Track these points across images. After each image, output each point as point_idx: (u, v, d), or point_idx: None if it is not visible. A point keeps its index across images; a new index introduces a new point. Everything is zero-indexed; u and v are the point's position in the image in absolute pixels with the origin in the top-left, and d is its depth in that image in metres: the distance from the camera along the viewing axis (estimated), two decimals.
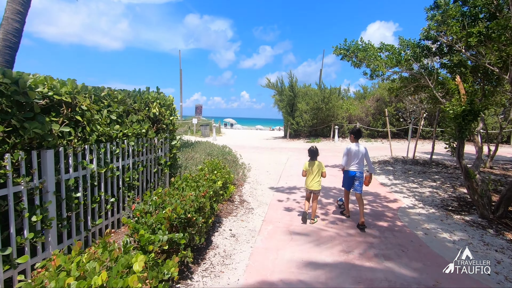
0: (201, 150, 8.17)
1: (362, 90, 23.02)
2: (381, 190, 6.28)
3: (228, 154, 7.40)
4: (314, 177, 4.20)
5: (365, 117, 18.84)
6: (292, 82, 18.79)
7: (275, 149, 14.24)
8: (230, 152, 8.09)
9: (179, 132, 19.43)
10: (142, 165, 4.56)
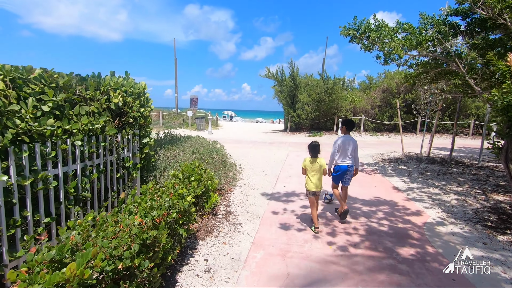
0: (188, 146, 7.15)
1: (367, 81, 21.77)
2: (396, 196, 5.25)
3: (216, 152, 6.36)
4: (313, 176, 3.69)
5: (370, 109, 17.68)
6: (293, 72, 17.59)
7: (274, 143, 13.19)
8: (220, 150, 7.04)
9: (173, 125, 18.37)
10: (97, 170, 3.55)
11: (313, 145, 3.77)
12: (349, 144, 4.03)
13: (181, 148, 6.76)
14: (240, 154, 9.72)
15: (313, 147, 3.76)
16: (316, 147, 3.76)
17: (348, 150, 4.04)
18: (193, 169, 3.94)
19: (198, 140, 8.17)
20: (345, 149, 4.03)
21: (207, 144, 7.79)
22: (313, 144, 3.78)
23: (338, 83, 16.99)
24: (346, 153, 4.04)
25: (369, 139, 15.93)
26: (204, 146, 7.21)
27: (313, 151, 3.76)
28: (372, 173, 7.22)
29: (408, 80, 7.10)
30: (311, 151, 3.77)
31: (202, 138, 9.09)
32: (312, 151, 3.76)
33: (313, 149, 3.76)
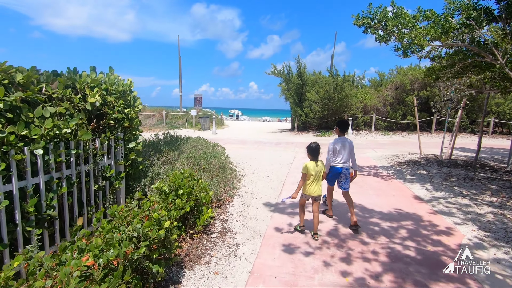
0: (187, 149, 6.59)
1: (378, 78, 20.85)
2: (420, 208, 4.56)
3: (214, 156, 5.76)
4: (315, 181, 3.43)
5: (382, 107, 16.81)
6: (301, 68, 16.86)
7: (280, 144, 12.55)
8: (220, 154, 6.45)
9: (177, 125, 17.91)
10: (67, 183, 3.01)
11: (313, 147, 3.46)
12: (343, 146, 3.87)
13: (179, 152, 6.21)
14: (243, 156, 9.13)
15: (314, 150, 3.45)
16: (317, 149, 3.47)
17: (342, 152, 3.86)
18: (183, 179, 3.36)
19: (197, 142, 7.61)
20: (340, 151, 3.86)
21: (207, 146, 7.22)
22: (313, 146, 3.46)
23: (347, 80, 16.19)
24: (341, 155, 3.87)
25: (381, 139, 15.11)
26: (202, 150, 6.63)
27: (314, 154, 3.45)
28: (388, 178, 6.52)
29: (429, 74, 6.35)
30: (311, 153, 3.47)
31: (202, 139, 8.52)
32: (313, 154, 3.46)
33: (314, 152, 3.45)
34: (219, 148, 7.56)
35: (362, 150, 11.10)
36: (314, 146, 3.47)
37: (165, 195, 3.15)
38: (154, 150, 5.92)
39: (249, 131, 19.69)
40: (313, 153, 3.46)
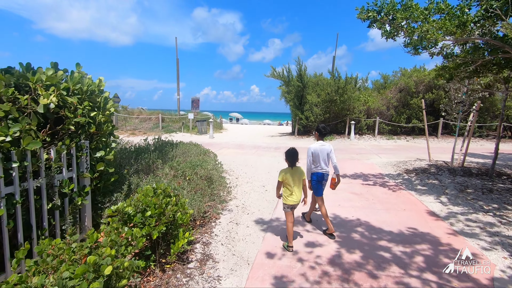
0: (175, 156, 6.01)
1: (382, 80, 20.27)
2: (436, 227, 3.94)
3: (201, 166, 5.15)
4: (294, 190, 3.25)
5: (386, 111, 16.20)
6: (301, 70, 16.32)
7: (279, 149, 11.95)
8: (208, 163, 5.85)
9: (173, 128, 17.37)
10: (7, 203, 2.44)
11: (291, 152, 3.29)
12: (321, 151, 3.72)
13: (164, 160, 5.63)
14: (239, 163, 8.55)
15: (291, 155, 3.28)
16: (295, 154, 3.29)
17: (321, 157, 3.71)
18: (151, 197, 2.77)
19: (188, 147, 7.04)
20: (319, 156, 3.71)
21: (198, 152, 6.64)
22: (291, 151, 3.31)
23: (350, 82, 15.62)
24: (320, 160, 3.72)
25: (385, 143, 14.48)
26: (192, 157, 6.06)
27: (291, 159, 3.27)
28: (396, 188, 5.90)
29: (442, 74, 5.75)
30: (289, 159, 3.29)
31: (194, 144, 7.96)
32: (290, 159, 3.28)
33: (291, 157, 3.27)
34: (211, 155, 6.98)
35: (365, 155, 10.49)
36: (291, 151, 3.30)
37: (129, 218, 2.56)
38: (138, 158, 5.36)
39: (248, 135, 19.12)
40: (289, 158, 3.28)
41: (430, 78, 15.16)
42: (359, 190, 5.81)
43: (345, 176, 7.05)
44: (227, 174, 7.05)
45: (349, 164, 8.76)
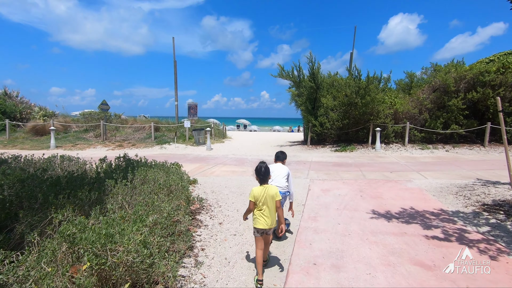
0: (113, 194, 3.72)
1: (407, 79, 17.52)
2: None
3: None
4: (266, 210, 2.79)
5: (417, 114, 13.48)
6: (313, 69, 13.89)
7: (289, 164, 9.50)
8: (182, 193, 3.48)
9: (168, 138, 15.17)
10: None
11: (260, 169, 2.88)
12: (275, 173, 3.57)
13: (89, 203, 3.29)
14: (232, 191, 6.17)
15: (260, 172, 2.88)
16: (265, 171, 2.87)
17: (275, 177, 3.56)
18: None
19: (154, 174, 4.70)
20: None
21: (164, 184, 4.28)
22: (260, 168, 2.89)
23: (372, 81, 13.05)
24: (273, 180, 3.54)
25: (420, 154, 11.77)
26: (143, 196, 3.70)
27: (261, 177, 2.89)
28: (495, 252, 3.33)
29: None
30: (258, 176, 2.90)
31: (165, 169, 5.66)
32: (261, 177, 2.89)
33: (260, 174, 2.88)
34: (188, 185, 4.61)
35: (403, 173, 7.88)
36: (260, 168, 2.88)
37: None
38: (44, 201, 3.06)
39: (253, 144, 16.75)
40: (258, 175, 2.90)
41: (474, 73, 12.40)
42: (430, 256, 3.28)
43: (390, 217, 4.52)
44: (208, 214, 4.68)
45: (387, 189, 6.22)
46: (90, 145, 14.16)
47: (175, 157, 11.13)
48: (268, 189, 2.85)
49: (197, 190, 6.21)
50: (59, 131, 17.62)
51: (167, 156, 11.53)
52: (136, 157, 6.78)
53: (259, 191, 2.83)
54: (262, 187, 2.86)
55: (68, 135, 16.58)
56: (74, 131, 17.66)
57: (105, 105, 15.56)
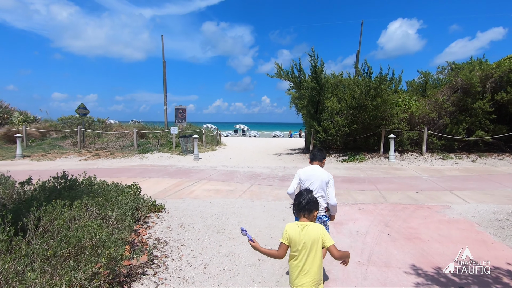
0: None
1: (420, 80, 15.83)
2: None
3: None
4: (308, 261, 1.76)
5: (437, 119, 11.74)
6: (316, 67, 12.23)
7: (289, 180, 7.77)
8: None
9: (153, 147, 13.46)
10: None
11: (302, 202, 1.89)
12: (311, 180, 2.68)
13: None
14: (207, 223, 4.41)
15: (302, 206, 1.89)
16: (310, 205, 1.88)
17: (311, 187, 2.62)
18: None
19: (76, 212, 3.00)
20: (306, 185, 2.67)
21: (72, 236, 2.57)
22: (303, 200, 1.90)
23: (384, 80, 11.36)
24: None
25: (442, 165, 10.01)
26: None
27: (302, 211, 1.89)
28: None
29: None
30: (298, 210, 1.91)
31: (125, 192, 3.95)
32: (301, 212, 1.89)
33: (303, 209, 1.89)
34: None
35: (434, 195, 6.08)
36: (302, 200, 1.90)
37: None
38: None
39: (249, 153, 15.02)
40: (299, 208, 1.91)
41: (503, 70, 10.69)
42: None
43: (447, 282, 2.77)
44: (155, 277, 2.93)
45: (422, 222, 4.45)
46: (63, 154, 12.48)
47: (154, 170, 9.42)
48: (309, 229, 1.84)
49: (159, 224, 4.48)
50: (35, 138, 16.01)
51: (144, 168, 9.82)
52: (83, 176, 5.06)
53: (295, 230, 1.85)
54: (301, 225, 1.87)
55: (44, 143, 14.93)
56: (53, 138, 16.03)
57: (83, 109, 13.93)
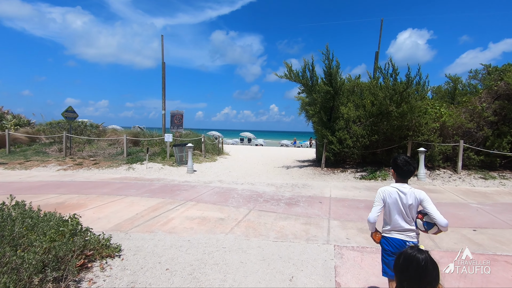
0: None
1: (446, 86, 14.03)
2: None
3: None
4: None
5: (474, 130, 9.92)
6: (331, 68, 10.64)
7: (297, 204, 6.07)
8: None
9: (143, 156, 12.01)
10: None
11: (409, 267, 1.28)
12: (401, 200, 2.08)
13: None
14: (174, 284, 2.80)
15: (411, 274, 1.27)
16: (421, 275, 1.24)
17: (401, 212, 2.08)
18: None
19: None
20: (395, 210, 2.10)
21: None
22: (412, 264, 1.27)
23: (411, 84, 9.65)
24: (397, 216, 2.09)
25: (486, 187, 8.16)
26: None
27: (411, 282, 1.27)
28: None
29: None
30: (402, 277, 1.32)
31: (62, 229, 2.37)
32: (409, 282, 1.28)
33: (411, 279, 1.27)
34: None
35: (502, 235, 4.32)
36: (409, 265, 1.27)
37: None
38: None
39: (253, 164, 13.41)
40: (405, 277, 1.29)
41: None
42: None
43: None
44: None
45: None
46: (43, 162, 11.15)
47: (136, 185, 7.90)
48: None
49: (98, 285, 2.89)
50: (22, 143, 14.87)
51: (126, 182, 8.32)
52: (9, 203, 3.56)
53: None
54: None
55: (29, 149, 13.71)
56: (41, 143, 14.84)
57: (71, 112, 12.68)
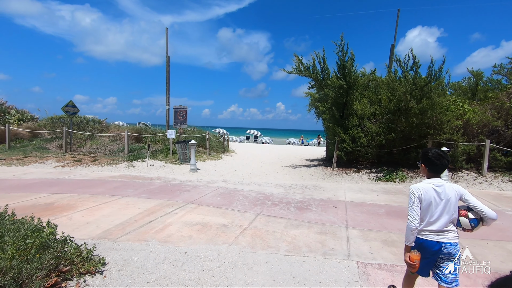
0: None
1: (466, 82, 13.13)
2: None
3: None
4: None
5: (503, 129, 9.09)
6: (345, 61, 9.91)
7: (309, 209, 5.42)
8: None
9: (142, 154, 11.50)
10: None
11: None
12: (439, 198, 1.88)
13: None
14: None
15: None
16: None
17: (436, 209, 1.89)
18: None
19: None
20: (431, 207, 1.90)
21: None
22: None
23: (433, 78, 8.87)
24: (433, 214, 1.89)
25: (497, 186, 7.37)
26: None
27: None
28: None
29: None
30: None
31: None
32: None
33: None
34: None
35: None
36: None
37: None
38: None
39: (259, 163, 12.80)
40: None
41: None
42: None
43: None
44: None
45: None
46: (41, 158, 10.76)
47: (134, 184, 7.37)
48: None
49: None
50: (24, 138, 14.58)
51: (124, 181, 7.80)
52: None
53: None
54: None
55: (29, 144, 13.38)
56: (43, 139, 14.53)
57: (71, 106, 12.26)
